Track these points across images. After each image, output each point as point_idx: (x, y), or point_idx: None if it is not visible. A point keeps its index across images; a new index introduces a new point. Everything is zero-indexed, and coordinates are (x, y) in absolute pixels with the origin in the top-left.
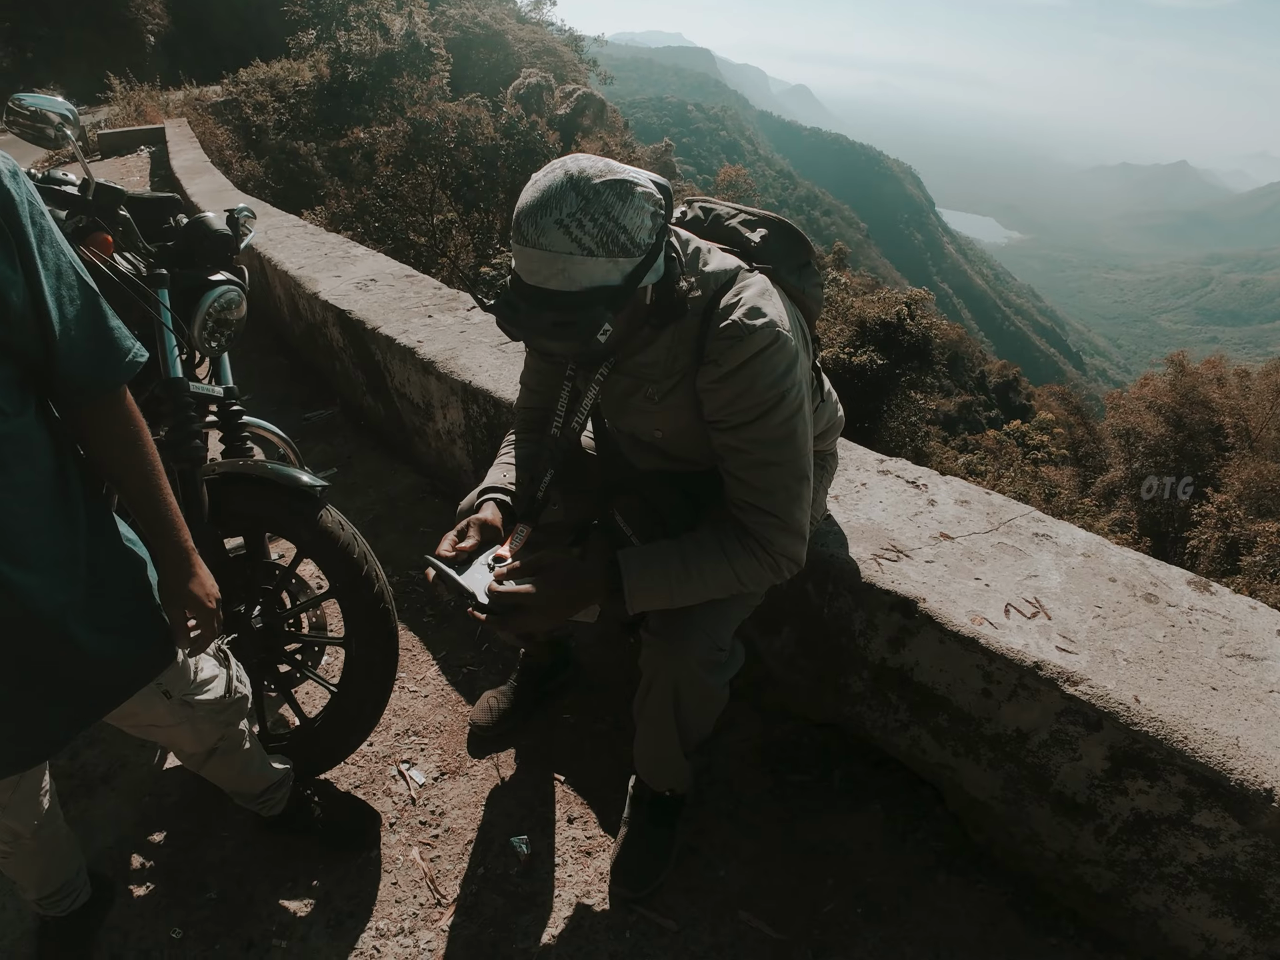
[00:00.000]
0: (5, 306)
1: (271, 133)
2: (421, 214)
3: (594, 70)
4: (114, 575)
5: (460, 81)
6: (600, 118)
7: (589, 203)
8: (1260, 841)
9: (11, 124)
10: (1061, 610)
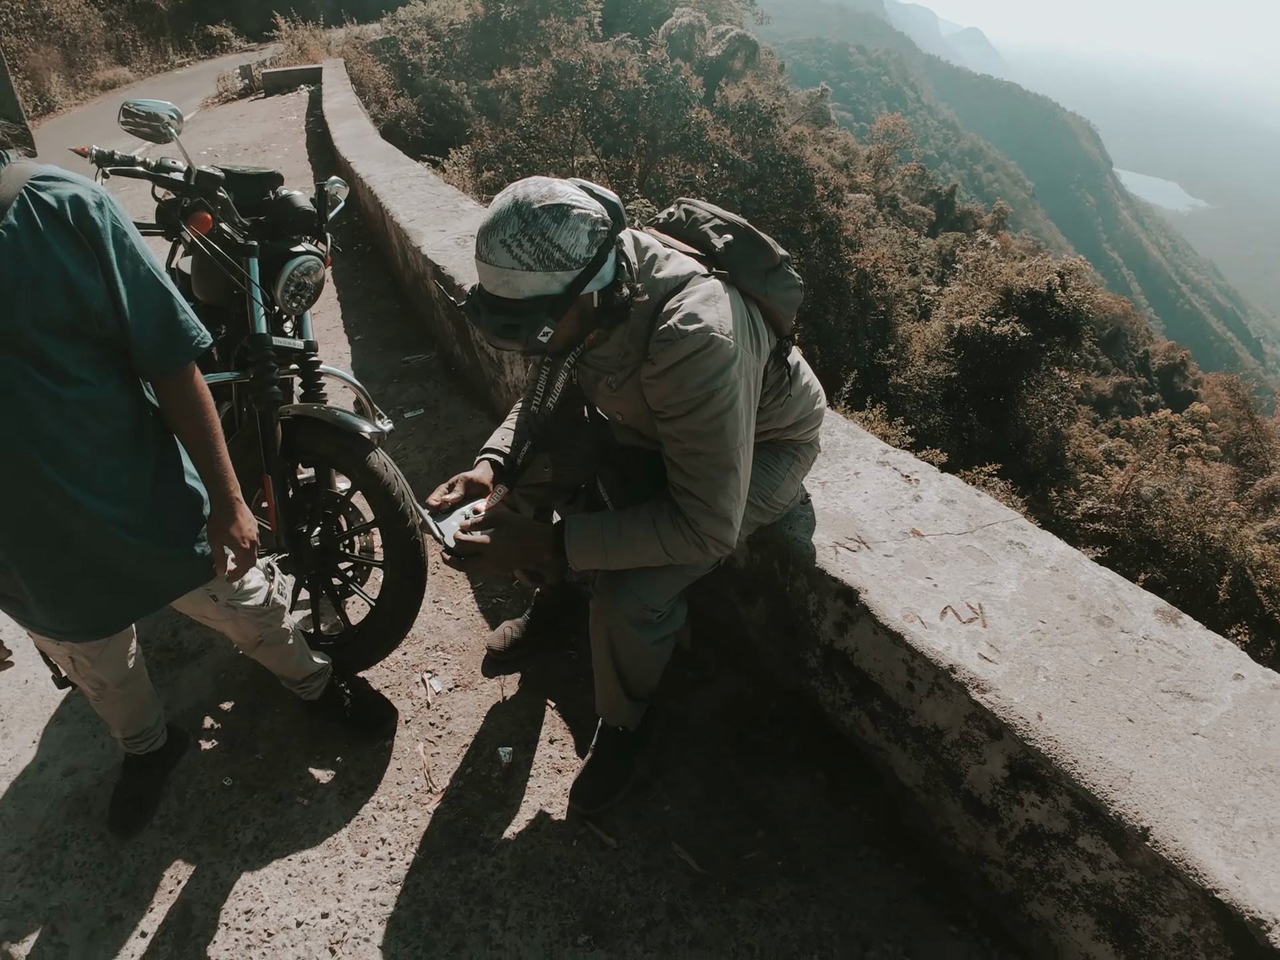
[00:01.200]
0: (87, 307)
1: (426, 71)
2: (563, 156)
3: (750, 9)
4: (174, 506)
5: (612, 20)
6: (751, 60)
7: (528, 225)
8: (1135, 877)
9: (127, 124)
10: (1001, 620)
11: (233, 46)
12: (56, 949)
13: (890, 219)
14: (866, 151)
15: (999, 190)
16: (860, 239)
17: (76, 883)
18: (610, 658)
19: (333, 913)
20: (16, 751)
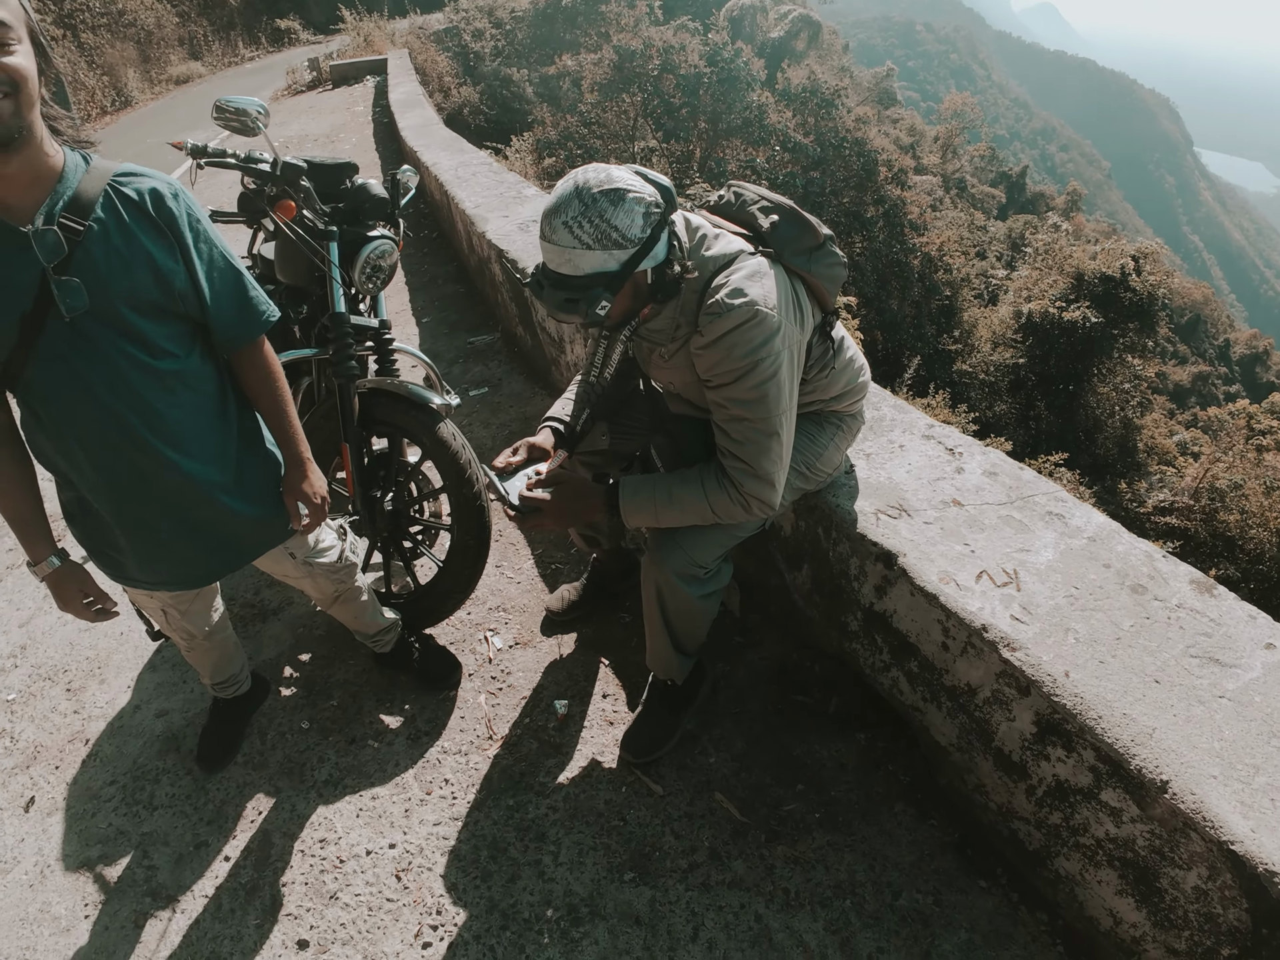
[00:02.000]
0: (171, 288)
1: (488, 59)
2: (623, 141)
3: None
4: (256, 468)
5: (673, 3)
6: (815, 41)
7: (587, 208)
8: (1155, 830)
9: (219, 119)
10: (1035, 584)
11: (300, 39)
12: (146, 870)
13: (958, 201)
14: (934, 132)
15: (1073, 171)
16: (925, 222)
17: (166, 812)
18: (660, 610)
19: (399, 844)
20: (113, 695)
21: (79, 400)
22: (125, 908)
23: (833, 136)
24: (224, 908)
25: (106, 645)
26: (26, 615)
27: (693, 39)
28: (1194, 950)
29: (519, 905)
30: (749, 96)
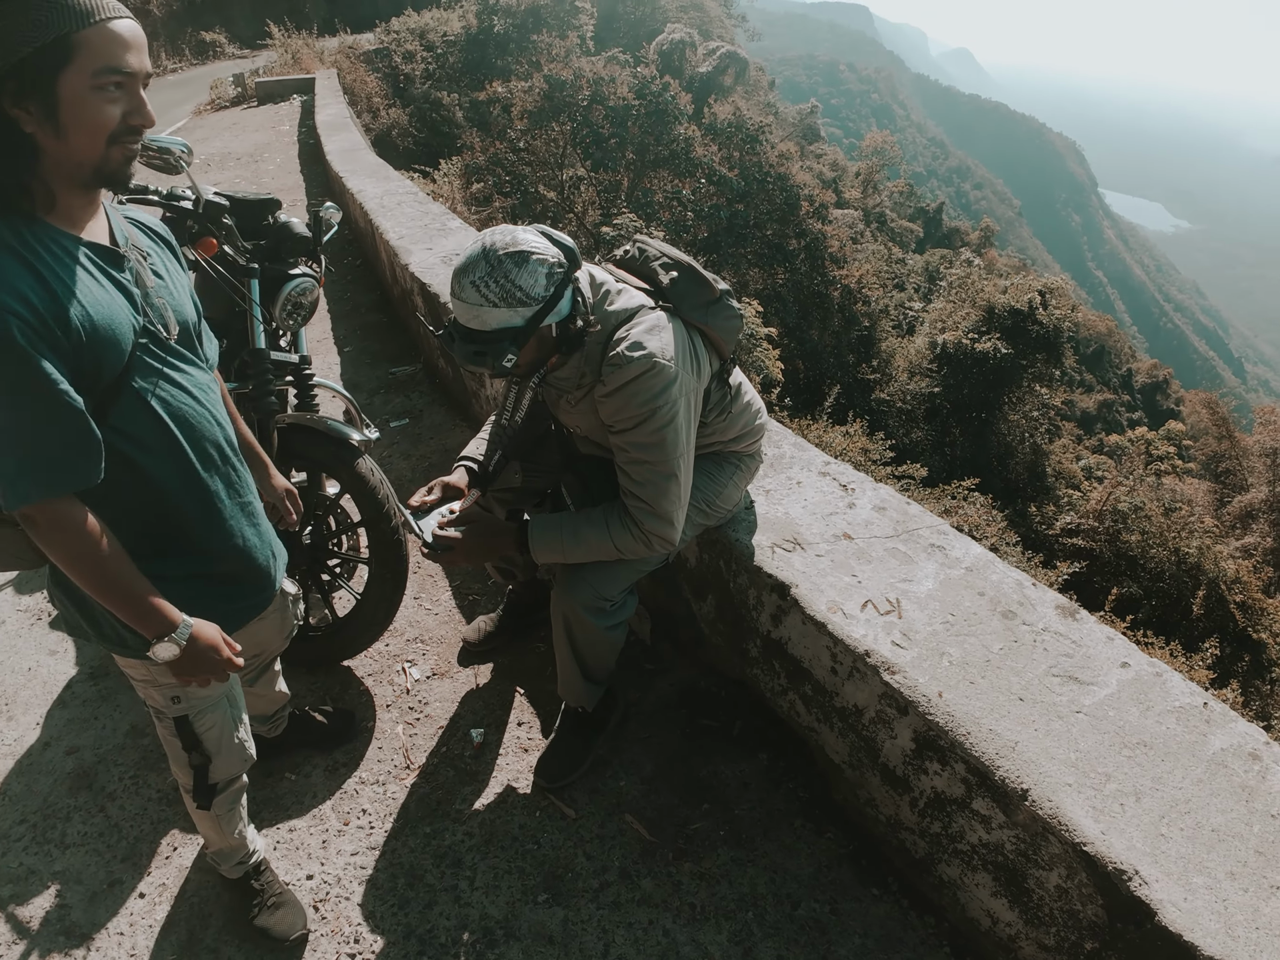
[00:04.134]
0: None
1: (418, 81)
2: (552, 169)
3: (741, 26)
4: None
5: (604, 35)
6: (741, 77)
7: (494, 268)
8: (1020, 835)
9: (141, 157)
10: (915, 612)
11: (226, 53)
12: (60, 909)
13: (878, 235)
14: (855, 168)
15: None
16: (845, 255)
17: (79, 850)
18: (569, 641)
19: (316, 875)
20: (21, 733)
21: (184, 423)
22: (38, 947)
23: (756, 171)
24: (139, 945)
25: (14, 681)
26: None
27: (623, 71)
28: (1061, 945)
29: (436, 930)
30: (676, 129)
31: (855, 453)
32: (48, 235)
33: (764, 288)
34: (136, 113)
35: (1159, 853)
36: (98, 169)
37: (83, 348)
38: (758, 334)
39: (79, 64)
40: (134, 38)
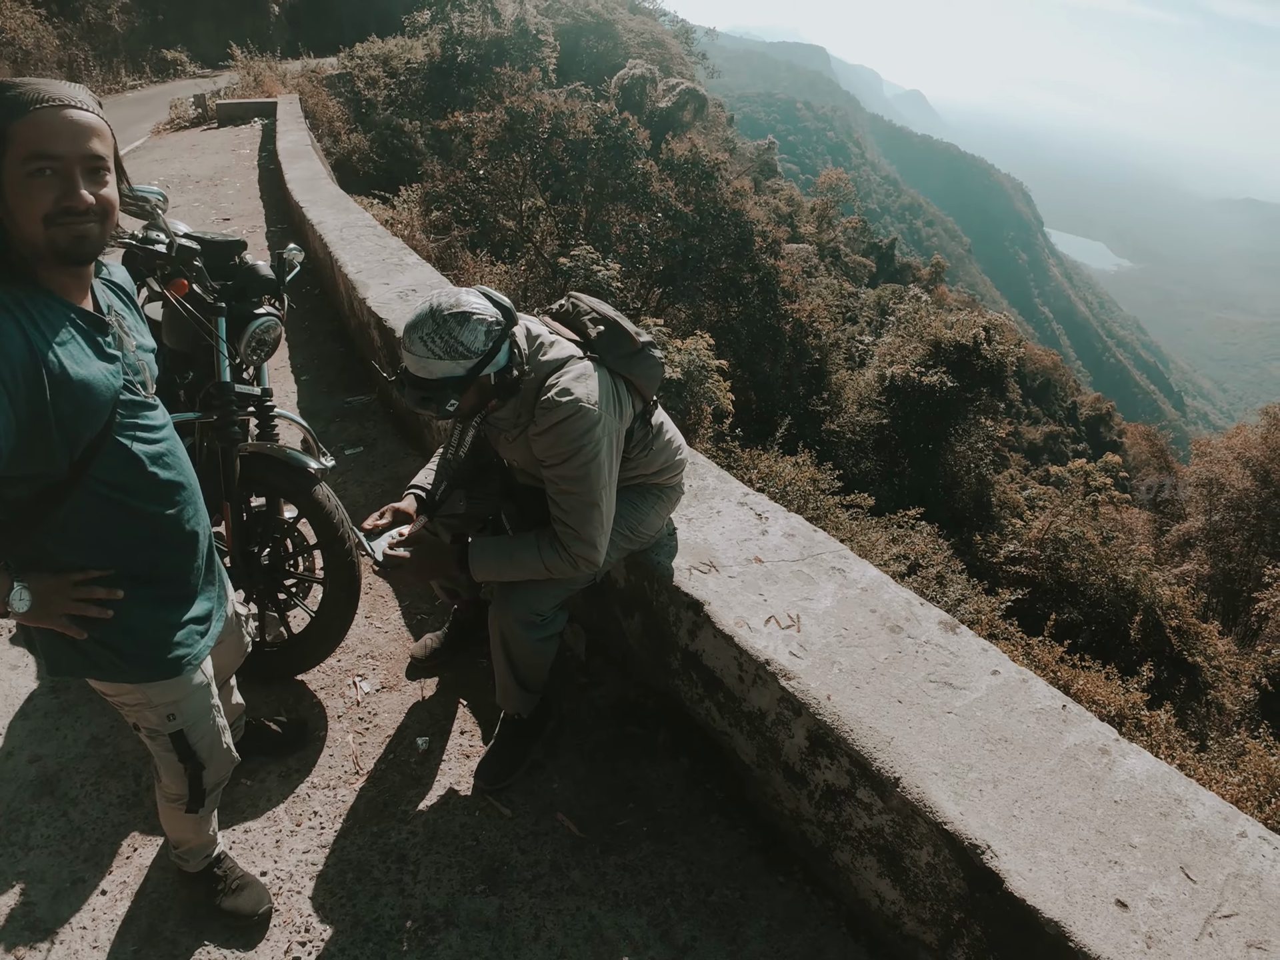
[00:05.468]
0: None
1: (380, 108)
2: (511, 199)
3: (701, 63)
4: None
5: (567, 68)
6: (700, 113)
7: (439, 326)
8: (895, 819)
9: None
10: (812, 626)
11: (187, 72)
12: (24, 906)
13: (832, 269)
14: (811, 203)
15: (937, 245)
16: (798, 289)
17: (42, 852)
18: (504, 653)
19: (270, 871)
20: None
21: (161, 462)
22: (4, 942)
23: (712, 206)
24: (101, 938)
25: None
26: None
27: (583, 105)
28: (935, 917)
29: (381, 919)
30: (634, 164)
31: (804, 482)
32: (42, 301)
33: (718, 320)
34: (67, 195)
35: (1010, 831)
36: (48, 248)
37: (62, 404)
38: (709, 366)
39: (12, 152)
40: (69, 125)
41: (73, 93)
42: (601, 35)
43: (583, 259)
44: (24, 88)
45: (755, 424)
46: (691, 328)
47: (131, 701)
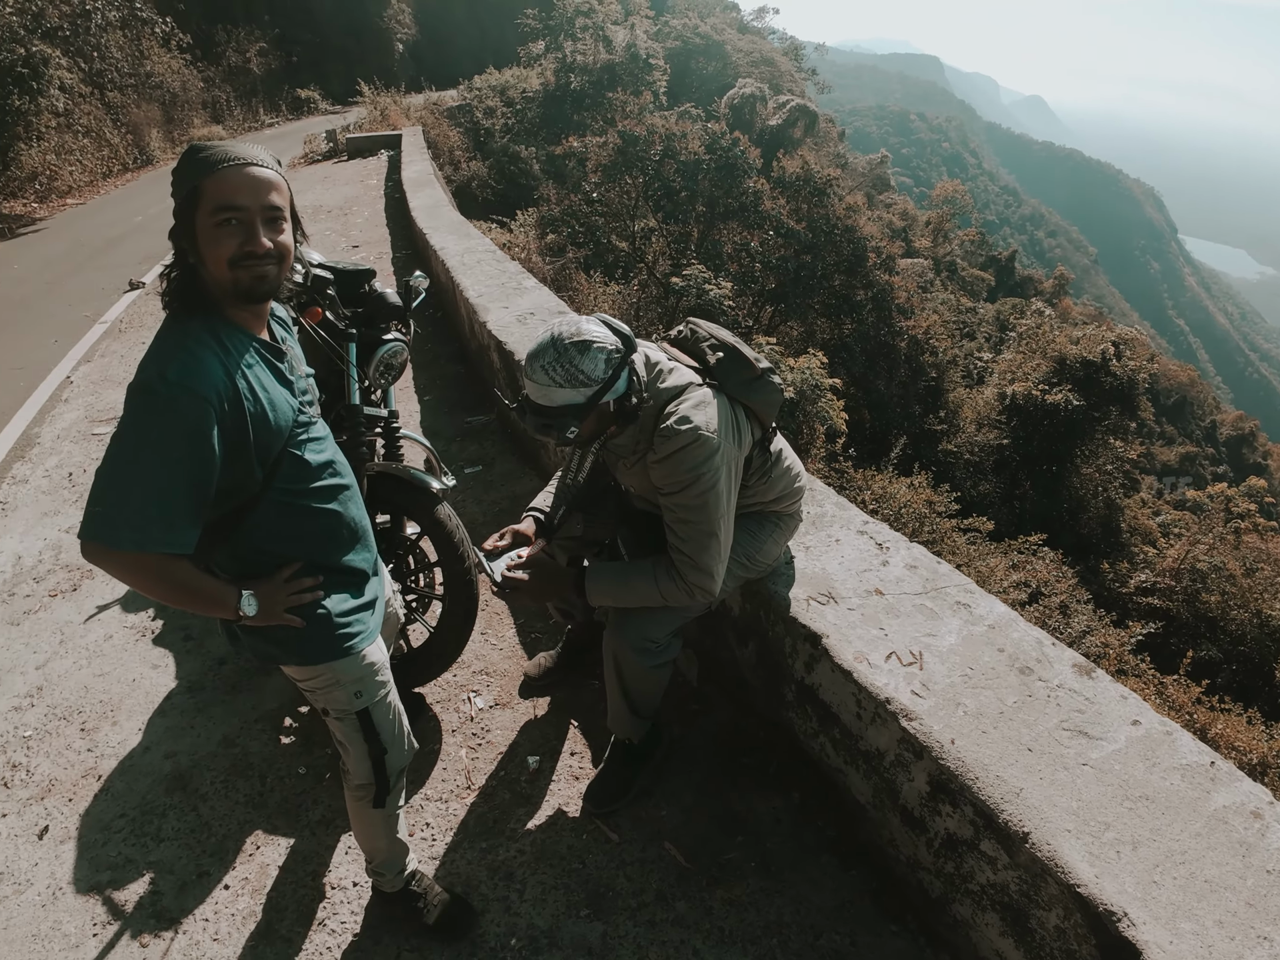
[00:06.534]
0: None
1: (498, 136)
2: (624, 220)
3: (811, 79)
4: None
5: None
6: (811, 129)
7: (560, 355)
8: (1022, 876)
9: None
10: (936, 665)
11: (319, 109)
12: (152, 895)
13: (948, 284)
14: (926, 217)
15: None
16: (913, 305)
17: (172, 844)
18: (618, 678)
19: None
20: (124, 736)
21: (340, 471)
22: (131, 928)
23: (824, 223)
24: (222, 931)
25: (119, 690)
26: (43, 659)
27: (694, 126)
28: None
29: (486, 935)
30: (745, 183)
31: (919, 504)
32: (232, 332)
33: (831, 338)
34: (249, 241)
35: (1150, 898)
36: (233, 288)
37: (258, 427)
38: (822, 385)
39: (203, 205)
40: (250, 180)
41: (254, 152)
42: (711, 56)
43: (695, 278)
44: (214, 149)
45: (869, 444)
46: (804, 346)
47: (323, 684)
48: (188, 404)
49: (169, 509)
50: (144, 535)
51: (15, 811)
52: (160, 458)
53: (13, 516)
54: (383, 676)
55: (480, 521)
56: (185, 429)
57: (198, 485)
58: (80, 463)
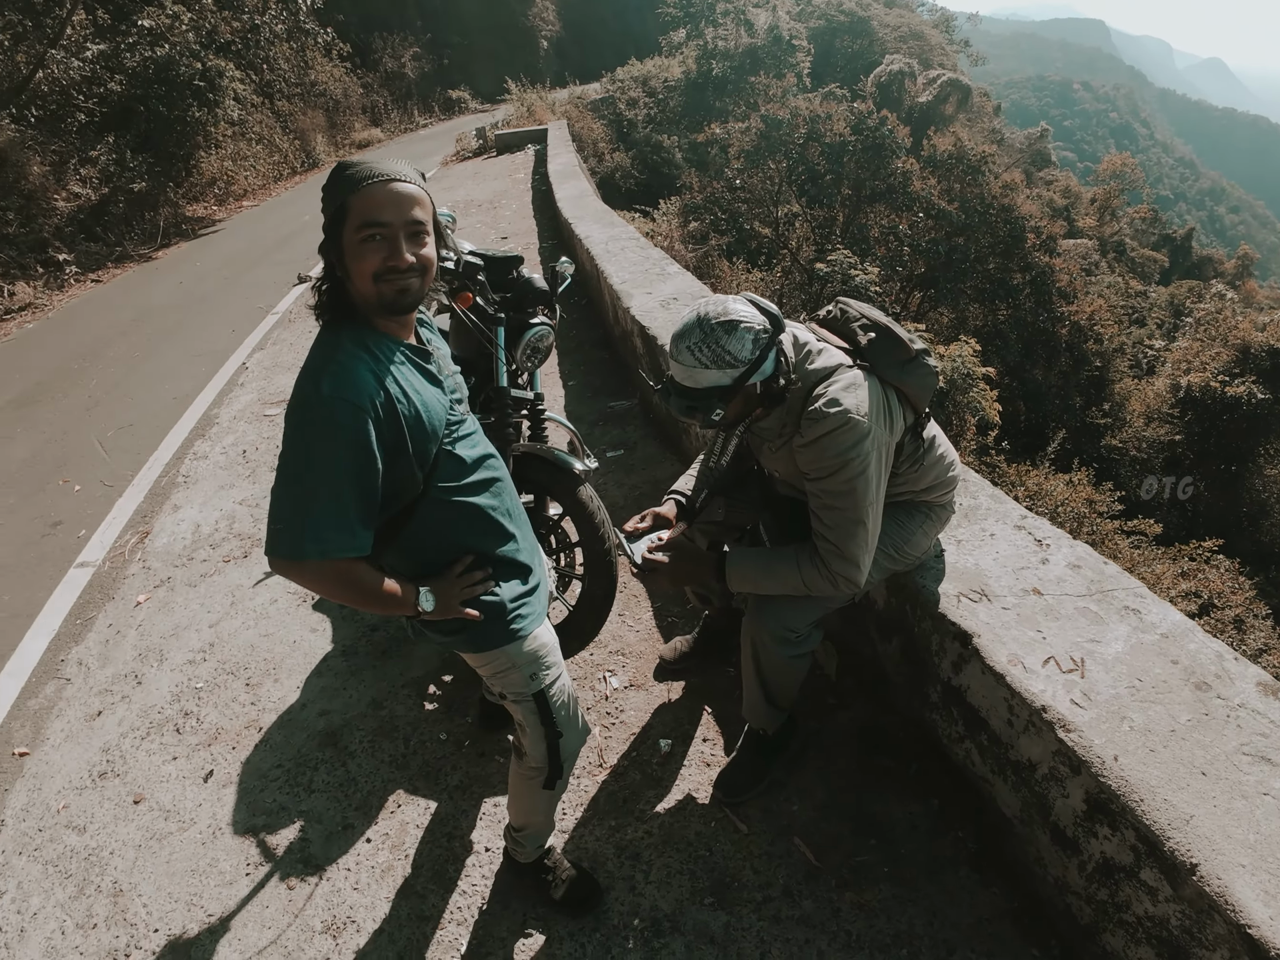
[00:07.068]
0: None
1: (640, 126)
2: (767, 206)
3: (964, 51)
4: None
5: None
6: (964, 104)
7: (706, 336)
8: (1186, 910)
9: None
10: (1099, 673)
11: (469, 108)
12: (301, 842)
13: (1115, 266)
14: (1090, 194)
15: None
16: (1075, 289)
17: (322, 795)
18: (755, 666)
19: None
20: (284, 693)
21: (494, 465)
22: (280, 871)
23: (978, 203)
24: (362, 881)
25: (281, 650)
26: (216, 617)
27: (839, 107)
28: None
29: (610, 913)
30: (894, 163)
31: (1078, 503)
32: (383, 340)
33: (984, 324)
34: (392, 256)
35: None
36: (377, 301)
37: (413, 428)
38: (975, 374)
39: (350, 221)
40: (394, 196)
41: (398, 168)
42: (856, 34)
43: (840, 263)
44: (359, 167)
45: (1023, 437)
46: (955, 333)
47: (499, 668)
48: (345, 413)
49: (343, 515)
50: (324, 543)
51: (185, 755)
52: (327, 468)
53: (194, 489)
54: (554, 658)
55: (621, 505)
56: (346, 438)
57: (365, 490)
58: (253, 441)
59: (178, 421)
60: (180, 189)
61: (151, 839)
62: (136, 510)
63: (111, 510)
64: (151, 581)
